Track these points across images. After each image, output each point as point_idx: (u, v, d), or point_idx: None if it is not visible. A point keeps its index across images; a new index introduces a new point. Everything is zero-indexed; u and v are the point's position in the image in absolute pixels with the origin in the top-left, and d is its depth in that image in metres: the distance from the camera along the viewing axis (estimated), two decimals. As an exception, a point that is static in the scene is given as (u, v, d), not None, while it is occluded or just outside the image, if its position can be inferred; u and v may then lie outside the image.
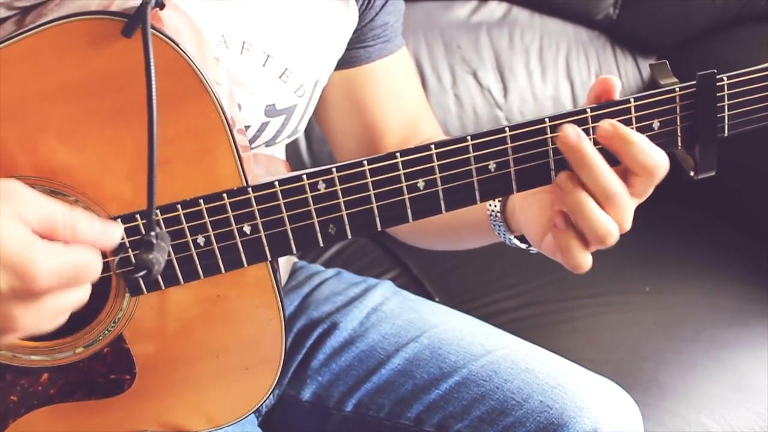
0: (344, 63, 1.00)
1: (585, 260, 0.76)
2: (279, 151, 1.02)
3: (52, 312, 0.67)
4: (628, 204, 0.74)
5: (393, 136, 1.04)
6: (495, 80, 1.73)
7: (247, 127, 0.90)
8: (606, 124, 0.73)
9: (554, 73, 1.76)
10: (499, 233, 0.88)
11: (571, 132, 0.73)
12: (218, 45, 0.85)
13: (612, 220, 0.74)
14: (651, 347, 1.33)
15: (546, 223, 0.80)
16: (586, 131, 0.74)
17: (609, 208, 0.74)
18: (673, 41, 1.78)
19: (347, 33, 0.97)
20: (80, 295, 0.68)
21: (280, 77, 0.90)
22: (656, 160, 0.73)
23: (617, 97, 0.75)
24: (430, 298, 1.42)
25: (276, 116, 0.92)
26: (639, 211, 0.77)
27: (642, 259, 1.52)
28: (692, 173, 0.78)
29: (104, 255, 0.73)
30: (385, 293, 1.11)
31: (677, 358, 1.31)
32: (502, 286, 1.46)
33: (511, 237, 0.87)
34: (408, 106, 1.05)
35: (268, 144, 0.94)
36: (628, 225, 0.75)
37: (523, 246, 0.87)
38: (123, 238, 0.72)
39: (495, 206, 0.87)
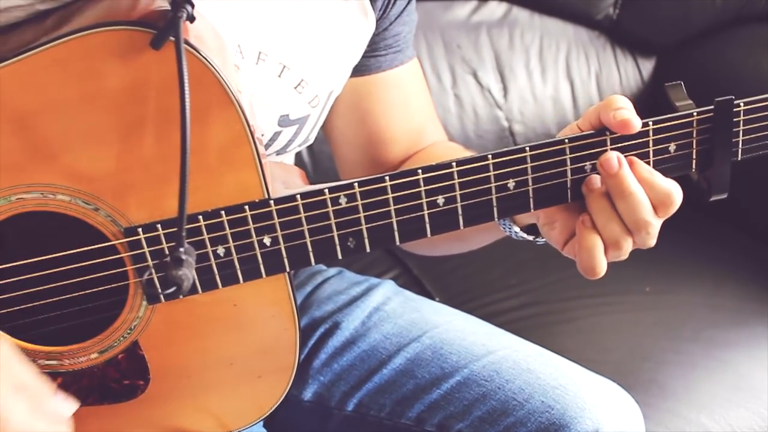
0: (354, 71, 0.99)
1: (602, 263, 0.78)
2: (288, 160, 1.02)
3: None
4: (655, 231, 0.77)
5: (398, 147, 1.04)
6: (495, 80, 1.73)
7: (261, 136, 0.90)
8: (613, 158, 0.75)
9: (554, 73, 1.76)
10: (503, 227, 0.88)
11: (613, 159, 0.74)
12: (234, 55, 0.85)
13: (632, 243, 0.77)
14: (651, 347, 1.33)
15: (573, 227, 0.80)
16: (603, 153, 0.76)
17: (636, 235, 0.77)
18: (673, 41, 1.78)
19: (364, 43, 0.97)
20: None
21: (295, 88, 0.90)
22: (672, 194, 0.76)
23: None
24: (431, 298, 1.42)
25: (289, 126, 0.92)
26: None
27: (642, 259, 1.51)
28: (706, 195, 0.80)
29: (123, 264, 0.73)
30: (387, 293, 1.11)
31: (677, 358, 1.31)
32: (502, 286, 1.46)
33: (518, 230, 0.87)
34: (415, 117, 1.05)
35: (279, 152, 0.94)
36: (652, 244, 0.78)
37: (530, 238, 0.88)
38: (143, 248, 0.72)
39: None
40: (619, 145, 0.76)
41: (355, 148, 1.04)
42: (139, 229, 0.72)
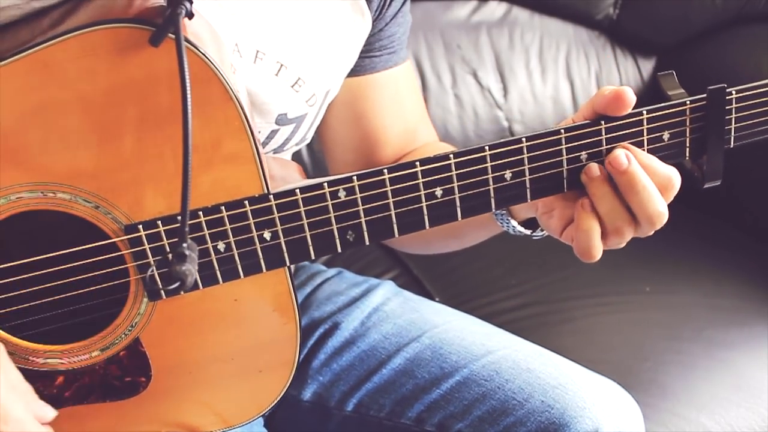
0: (349, 72, 0.99)
1: (598, 246, 0.78)
2: (286, 158, 1.02)
3: None
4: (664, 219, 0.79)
5: (390, 147, 1.04)
6: (495, 80, 1.73)
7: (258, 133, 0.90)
8: (622, 156, 0.76)
9: (554, 73, 1.76)
10: (501, 223, 0.88)
11: (621, 156, 0.75)
12: (232, 54, 0.85)
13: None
14: (651, 347, 1.33)
15: (571, 215, 0.81)
16: (599, 143, 0.77)
17: (647, 225, 0.78)
18: (673, 41, 1.78)
19: (360, 42, 0.97)
20: None
21: (292, 86, 0.90)
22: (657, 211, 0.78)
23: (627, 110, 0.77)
24: (431, 298, 1.42)
25: (286, 125, 0.92)
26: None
27: (642, 259, 1.52)
28: (699, 183, 0.81)
29: (124, 261, 0.73)
30: (386, 293, 1.11)
31: (677, 358, 1.31)
32: (502, 286, 1.46)
33: (515, 224, 0.88)
34: (408, 118, 1.05)
35: (276, 151, 0.94)
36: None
37: (528, 232, 0.88)
38: (144, 245, 0.72)
39: None
40: (614, 134, 0.77)
41: (348, 148, 1.05)
42: (140, 226, 0.72)
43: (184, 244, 0.67)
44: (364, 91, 1.01)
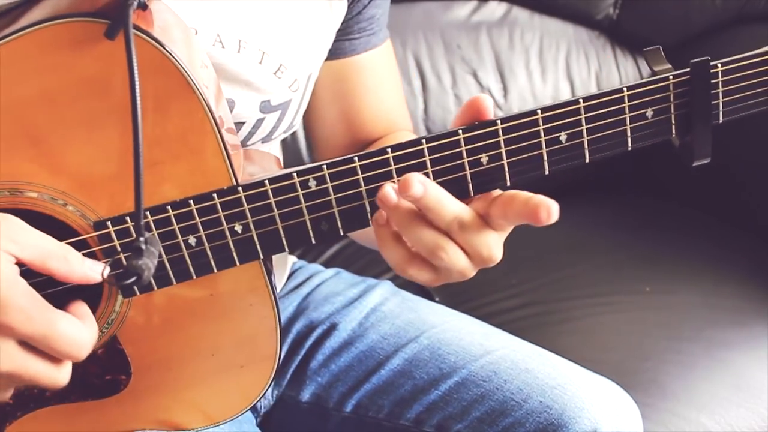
0: (329, 55, 0.99)
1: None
2: (275, 147, 1.01)
3: (9, 363, 0.65)
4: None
5: (375, 128, 1.04)
6: (495, 80, 1.73)
7: (241, 124, 0.90)
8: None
9: (554, 73, 1.76)
10: None
11: (389, 193, 0.71)
12: (214, 45, 0.85)
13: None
14: (651, 347, 1.33)
15: None
16: (578, 122, 0.74)
17: (434, 258, 0.73)
18: (673, 41, 1.78)
19: (336, 23, 0.97)
20: (45, 369, 0.68)
21: (275, 73, 0.90)
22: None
23: (490, 116, 0.73)
24: (429, 298, 1.42)
25: (271, 112, 0.92)
26: (639, 210, 0.78)
27: (642, 259, 1.52)
28: (687, 161, 0.78)
29: (95, 258, 0.73)
30: (384, 293, 1.11)
31: (677, 358, 1.31)
32: (501, 286, 1.46)
33: None
34: (389, 99, 1.06)
35: (264, 140, 0.94)
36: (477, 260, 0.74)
37: None
38: (113, 241, 0.72)
39: None
40: (594, 113, 0.74)
41: (333, 131, 1.05)
42: (108, 222, 0.71)
43: (141, 239, 0.66)
44: (346, 74, 1.02)
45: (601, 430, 0.93)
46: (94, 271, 0.69)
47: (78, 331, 0.68)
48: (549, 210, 0.68)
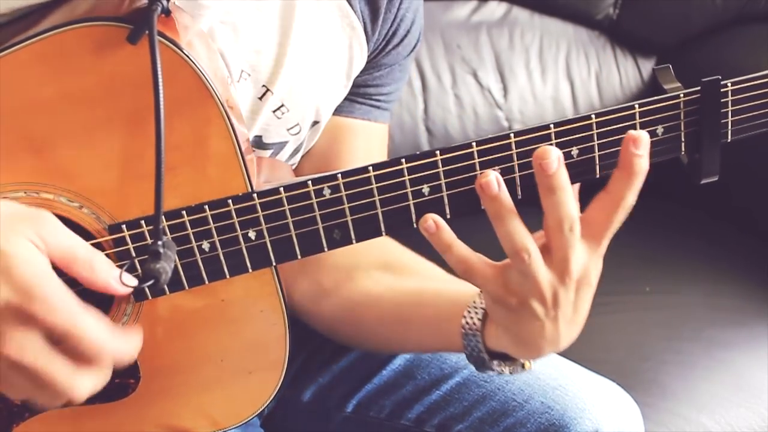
0: None
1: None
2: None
3: (31, 355, 0.64)
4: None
5: None
6: (495, 80, 1.73)
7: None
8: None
9: (554, 73, 1.76)
10: (467, 340, 0.82)
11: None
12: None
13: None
14: (651, 347, 1.33)
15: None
16: (590, 137, 0.74)
17: (516, 258, 0.72)
18: (673, 41, 1.79)
19: (353, 73, 0.94)
20: (64, 370, 0.66)
21: (273, 112, 0.88)
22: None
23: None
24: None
25: (263, 149, 0.90)
26: (639, 211, 0.77)
27: (642, 259, 1.52)
28: (695, 179, 0.79)
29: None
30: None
31: (677, 358, 1.31)
32: (502, 286, 1.46)
33: (482, 349, 0.81)
34: None
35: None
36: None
37: (493, 373, 0.83)
38: (128, 244, 0.72)
39: (472, 319, 0.82)
40: (606, 128, 0.74)
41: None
42: (123, 226, 0.72)
43: (159, 242, 0.66)
44: (338, 131, 0.96)
45: (603, 430, 0.93)
46: (116, 281, 0.67)
47: (103, 332, 0.66)
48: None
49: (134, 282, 0.68)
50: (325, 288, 0.95)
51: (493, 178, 0.71)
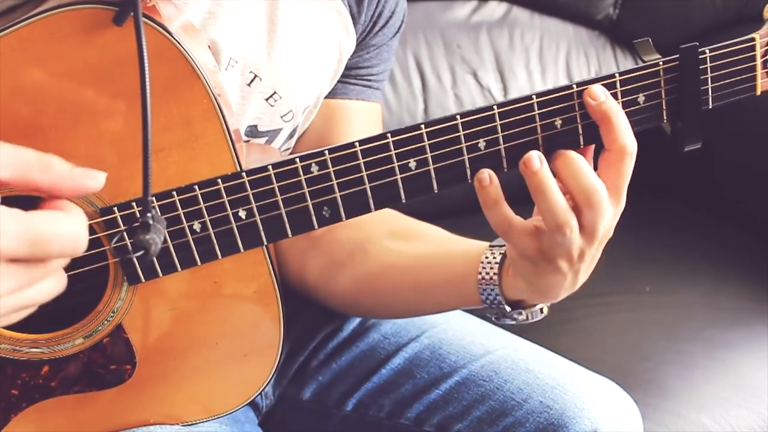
0: None
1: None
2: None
3: (8, 289, 0.62)
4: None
5: None
6: (495, 80, 1.73)
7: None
8: (599, 88, 0.75)
9: (554, 73, 1.76)
10: (484, 293, 0.86)
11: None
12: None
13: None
14: (651, 347, 1.33)
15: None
16: (571, 107, 0.76)
17: (558, 233, 0.75)
18: (672, 41, 1.77)
19: (343, 59, 0.96)
20: (47, 284, 0.64)
21: (266, 100, 0.89)
22: (631, 141, 0.75)
23: None
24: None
25: (257, 137, 0.91)
26: (639, 210, 0.78)
27: (642, 259, 1.52)
28: (679, 146, 0.79)
29: (100, 243, 0.73)
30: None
31: (677, 358, 1.31)
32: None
33: (501, 299, 0.85)
34: None
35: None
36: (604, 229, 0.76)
37: (508, 309, 0.86)
38: (120, 226, 0.72)
39: (488, 273, 0.86)
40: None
41: None
42: (115, 208, 0.72)
43: (148, 214, 0.66)
44: (334, 113, 0.99)
45: (602, 430, 0.93)
46: (88, 174, 0.64)
47: (67, 225, 0.63)
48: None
49: (102, 177, 0.65)
50: (338, 262, 0.97)
51: (535, 155, 0.73)
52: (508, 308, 0.85)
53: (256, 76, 0.88)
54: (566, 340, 1.32)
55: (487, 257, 0.86)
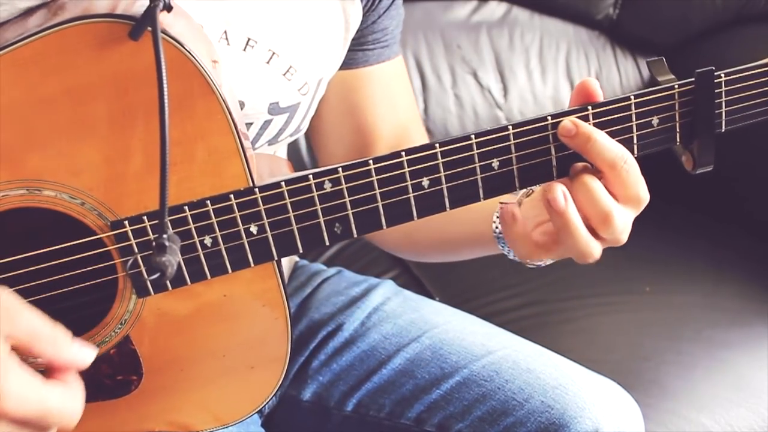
0: (342, 65, 0.99)
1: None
2: (281, 150, 1.01)
3: None
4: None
5: (383, 142, 1.03)
6: (495, 80, 1.73)
7: (249, 125, 0.90)
8: (568, 123, 0.75)
9: (554, 73, 1.76)
10: (502, 248, 0.89)
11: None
12: (219, 41, 0.85)
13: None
14: (651, 347, 1.33)
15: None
16: None
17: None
18: (673, 41, 1.78)
19: (351, 30, 0.97)
20: None
21: (284, 75, 0.90)
22: (616, 153, 0.74)
23: (599, 98, 0.76)
24: (431, 297, 1.42)
25: (279, 114, 0.92)
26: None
27: (642, 259, 1.52)
28: (690, 169, 0.80)
29: (112, 257, 0.73)
30: (386, 293, 1.11)
31: (677, 358, 1.31)
32: (502, 286, 1.46)
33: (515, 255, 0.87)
34: (400, 114, 1.05)
35: (270, 142, 0.94)
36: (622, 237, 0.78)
37: (535, 264, 0.87)
38: (130, 240, 0.72)
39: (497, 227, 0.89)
40: (602, 119, 0.76)
41: (340, 141, 1.05)
42: (125, 222, 0.72)
43: (164, 236, 0.67)
44: (357, 84, 1.01)
45: (603, 430, 0.93)
46: (83, 353, 0.68)
47: (70, 403, 0.67)
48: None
49: (92, 349, 0.69)
50: None
51: (560, 193, 0.74)
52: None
53: (274, 53, 0.89)
54: (567, 340, 1.32)
55: (497, 214, 0.88)
